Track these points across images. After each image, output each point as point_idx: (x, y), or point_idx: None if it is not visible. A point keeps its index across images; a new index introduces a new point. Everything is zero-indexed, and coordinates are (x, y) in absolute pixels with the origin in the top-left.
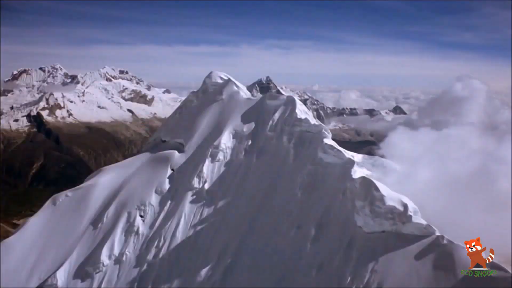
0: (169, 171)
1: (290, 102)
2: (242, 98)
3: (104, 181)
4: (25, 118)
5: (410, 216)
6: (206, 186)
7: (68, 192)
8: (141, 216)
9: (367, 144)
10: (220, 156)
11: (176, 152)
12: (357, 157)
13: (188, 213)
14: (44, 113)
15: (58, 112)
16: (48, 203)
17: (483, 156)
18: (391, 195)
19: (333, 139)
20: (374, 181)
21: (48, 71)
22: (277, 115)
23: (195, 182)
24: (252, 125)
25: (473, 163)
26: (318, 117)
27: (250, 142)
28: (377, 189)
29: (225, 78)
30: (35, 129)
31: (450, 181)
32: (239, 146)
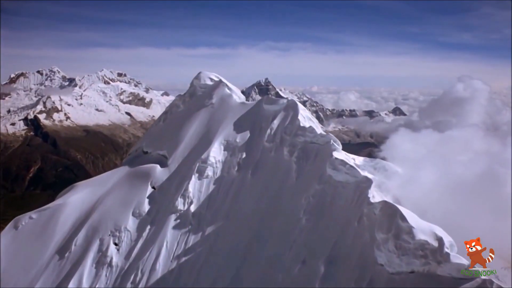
0: (149, 190)
1: (291, 107)
2: (235, 102)
3: (75, 200)
4: (22, 121)
5: (448, 254)
6: (192, 208)
7: (33, 214)
8: (115, 244)
9: (367, 146)
10: (209, 171)
11: (158, 166)
12: (358, 159)
13: (170, 241)
14: (41, 117)
15: (55, 115)
16: (8, 226)
17: (489, 159)
18: (422, 226)
19: None
20: (400, 207)
21: (46, 74)
22: (276, 123)
23: (179, 203)
24: (247, 134)
25: (479, 165)
26: (318, 118)
27: (244, 155)
28: (403, 218)
29: (216, 79)
30: (32, 133)
31: (455, 184)
32: (232, 159)
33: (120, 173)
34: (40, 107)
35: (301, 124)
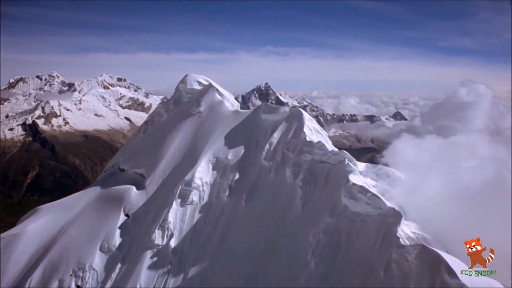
0: (122, 218)
1: (295, 117)
2: (227, 110)
3: (34, 229)
4: (20, 127)
5: None
6: (173, 242)
7: None
8: (77, 286)
9: (369, 151)
10: (194, 196)
11: (134, 188)
12: (360, 165)
13: (145, 283)
14: (40, 122)
15: (54, 121)
16: None
17: (496, 165)
18: (477, 283)
19: (334, 146)
20: (445, 255)
21: (45, 79)
22: (276, 136)
23: (157, 236)
24: (241, 150)
25: (486, 172)
26: (318, 123)
27: (237, 176)
28: (451, 272)
29: (205, 83)
30: (30, 138)
31: (461, 192)
32: (222, 181)
33: (90, 196)
34: (38, 112)
35: (308, 138)
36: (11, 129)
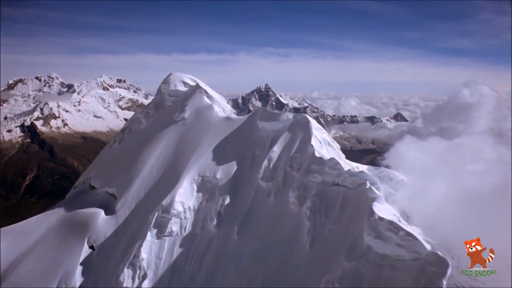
0: (86, 250)
1: (301, 125)
2: (217, 117)
3: None
4: (18, 128)
5: None
6: (146, 285)
7: None
8: None
9: (370, 153)
10: (173, 226)
11: (102, 212)
12: (362, 168)
13: None
14: (38, 123)
15: (53, 122)
16: None
17: (504, 169)
18: None
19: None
20: None
21: (44, 80)
22: (277, 150)
23: (126, 277)
24: (233, 167)
25: (493, 177)
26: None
27: (228, 201)
28: None
29: (191, 83)
30: (28, 140)
31: (468, 197)
32: (208, 207)
33: (51, 220)
34: (37, 113)
35: (317, 154)
36: (9, 131)
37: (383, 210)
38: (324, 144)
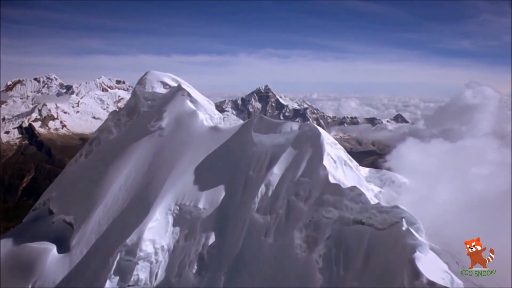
0: None
1: (309, 139)
2: (202, 127)
3: None
4: (16, 129)
5: None
6: None
7: None
8: None
9: (370, 155)
10: (141, 272)
11: (54, 249)
12: (363, 170)
13: None
14: (36, 125)
15: (51, 124)
16: None
17: (509, 172)
18: None
19: None
20: None
21: (43, 82)
22: (277, 172)
23: None
24: (220, 193)
25: (499, 180)
26: (319, 126)
27: (212, 239)
28: None
29: (172, 84)
30: (26, 141)
31: (474, 201)
32: (187, 247)
33: None
34: (35, 115)
35: (332, 179)
36: (7, 132)
37: (431, 266)
38: (340, 163)
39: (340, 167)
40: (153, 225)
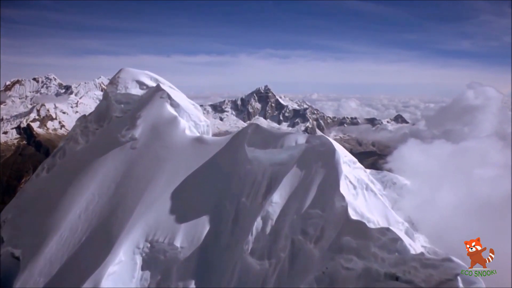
0: None
1: (320, 156)
2: (184, 137)
3: None
4: (14, 130)
5: None
6: None
7: None
8: None
9: (370, 155)
10: None
11: None
12: None
13: None
14: (35, 125)
15: (49, 124)
16: None
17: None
18: None
19: None
20: None
21: (42, 82)
22: (279, 200)
23: None
24: (203, 227)
25: (505, 183)
26: (319, 127)
27: None
28: None
29: (150, 83)
30: (24, 142)
31: (479, 205)
32: None
33: None
34: (33, 115)
35: (353, 214)
36: (5, 133)
37: None
38: (361, 188)
39: (361, 194)
40: (115, 269)
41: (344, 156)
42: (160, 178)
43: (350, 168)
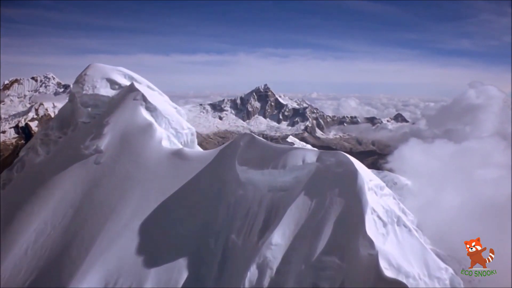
0: None
1: (338, 179)
2: (160, 150)
3: None
4: (12, 129)
5: None
6: None
7: None
8: None
9: (370, 155)
10: None
11: None
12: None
13: None
14: (33, 124)
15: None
16: None
17: None
18: None
19: (335, 149)
20: None
21: (41, 81)
22: (280, 241)
23: None
24: (179, 274)
25: (508, 184)
26: (318, 126)
27: None
28: None
29: (123, 82)
30: (23, 141)
31: (483, 206)
32: None
33: None
34: (32, 114)
35: (386, 270)
36: (3, 132)
37: None
38: (391, 223)
39: (392, 232)
40: None
41: (369, 180)
42: (127, 204)
43: (377, 197)
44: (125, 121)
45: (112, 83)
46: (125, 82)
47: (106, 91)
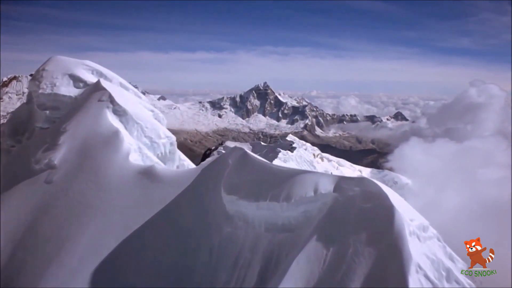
0: None
1: (369, 217)
2: (127, 168)
3: None
4: None
5: None
6: None
7: None
8: None
9: (370, 153)
10: None
11: None
12: (365, 171)
13: None
14: None
15: None
16: None
17: None
18: None
19: (334, 147)
20: None
21: None
22: None
23: None
24: None
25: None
26: (318, 124)
27: None
28: None
29: (90, 78)
30: None
31: (485, 207)
32: None
33: None
34: None
35: None
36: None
37: None
38: (439, 279)
39: (440, 285)
40: None
41: (409, 219)
42: (80, 239)
43: (420, 243)
44: (86, 128)
45: (76, 80)
46: (92, 79)
47: (68, 90)
